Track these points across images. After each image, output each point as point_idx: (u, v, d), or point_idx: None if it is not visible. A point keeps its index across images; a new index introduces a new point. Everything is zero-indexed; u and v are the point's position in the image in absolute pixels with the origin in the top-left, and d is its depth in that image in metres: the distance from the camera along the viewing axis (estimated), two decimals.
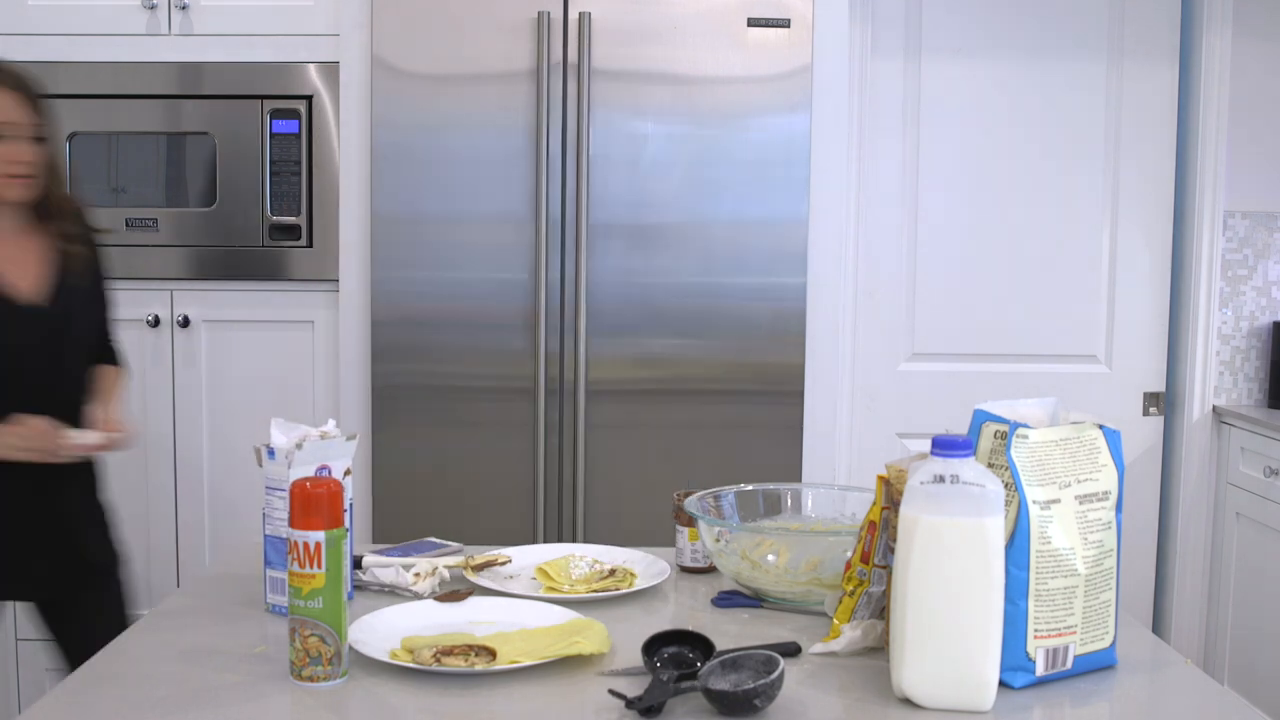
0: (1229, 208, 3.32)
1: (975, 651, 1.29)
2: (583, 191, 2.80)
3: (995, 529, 1.28)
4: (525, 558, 1.80)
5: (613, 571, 1.73)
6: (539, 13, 2.80)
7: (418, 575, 1.67)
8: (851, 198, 3.29)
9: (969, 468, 1.28)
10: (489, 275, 2.86)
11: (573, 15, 2.81)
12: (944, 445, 1.29)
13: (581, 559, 1.75)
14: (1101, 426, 1.42)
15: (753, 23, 2.81)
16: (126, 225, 3.01)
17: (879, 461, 1.66)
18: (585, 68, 2.79)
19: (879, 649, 1.45)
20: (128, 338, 3.02)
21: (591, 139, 2.80)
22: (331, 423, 1.68)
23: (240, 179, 3.00)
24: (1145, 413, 3.40)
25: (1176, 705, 1.42)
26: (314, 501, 1.34)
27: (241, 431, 2.98)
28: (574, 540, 2.82)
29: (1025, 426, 1.37)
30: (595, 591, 1.66)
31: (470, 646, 1.39)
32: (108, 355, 2.27)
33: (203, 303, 3.03)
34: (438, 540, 1.92)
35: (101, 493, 2.23)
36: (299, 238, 3.00)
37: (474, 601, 1.59)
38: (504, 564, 1.74)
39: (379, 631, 1.47)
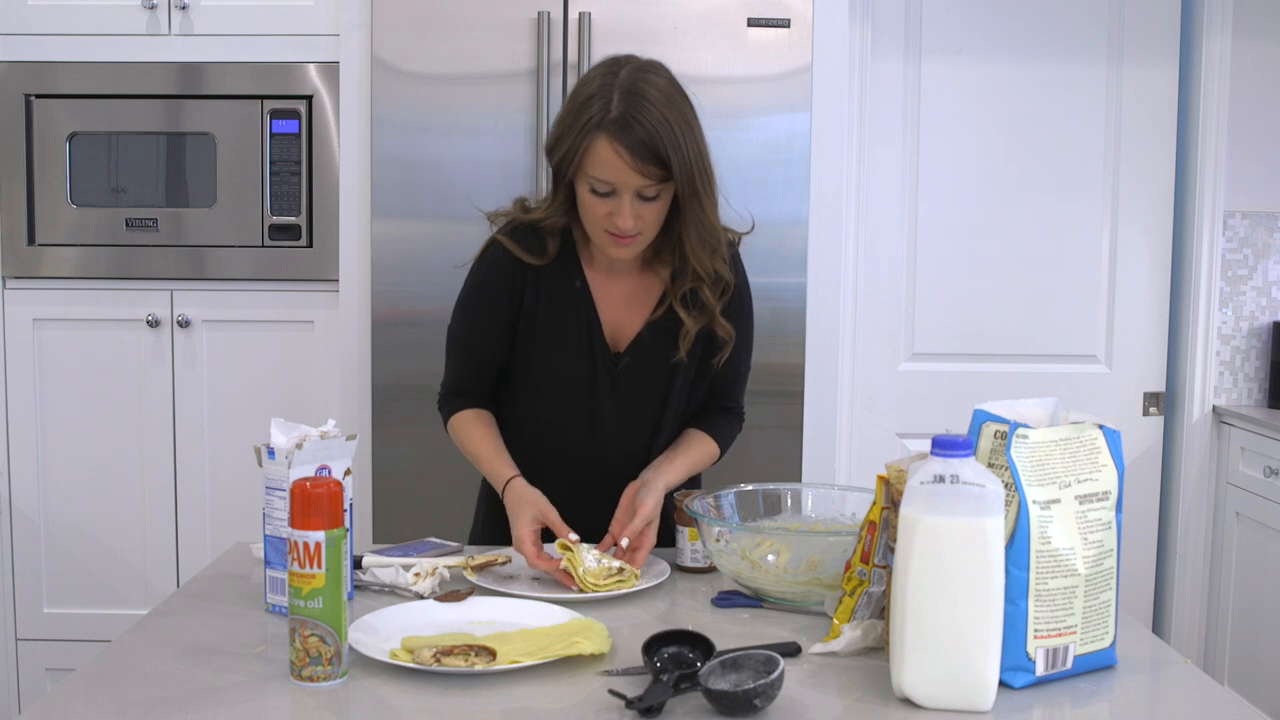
0: (1229, 208, 3.32)
1: (975, 651, 1.29)
2: None
3: (995, 529, 1.28)
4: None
5: (621, 569, 1.72)
6: (539, 13, 2.80)
7: (418, 575, 1.67)
8: (851, 198, 3.29)
9: (969, 468, 1.28)
10: None
11: (573, 15, 2.81)
12: (944, 445, 1.29)
13: (589, 550, 1.73)
14: (1101, 426, 1.42)
15: (753, 23, 2.81)
16: (126, 225, 3.01)
17: (879, 461, 1.66)
18: (585, 68, 2.79)
19: (879, 649, 1.45)
20: (127, 338, 3.05)
21: None
22: (331, 423, 1.68)
23: (240, 179, 3.00)
24: (1145, 413, 3.40)
25: (1176, 705, 1.42)
26: (314, 501, 1.34)
27: (241, 431, 2.98)
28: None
29: (1025, 426, 1.37)
30: (602, 590, 1.66)
31: (470, 646, 1.39)
32: (712, 421, 1.98)
33: (203, 303, 3.03)
34: (438, 540, 1.92)
35: None
36: (299, 238, 3.00)
37: (474, 601, 1.59)
38: (504, 564, 1.74)
39: (379, 631, 1.46)
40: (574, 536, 1.73)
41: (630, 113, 1.70)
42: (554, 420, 1.93)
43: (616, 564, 1.72)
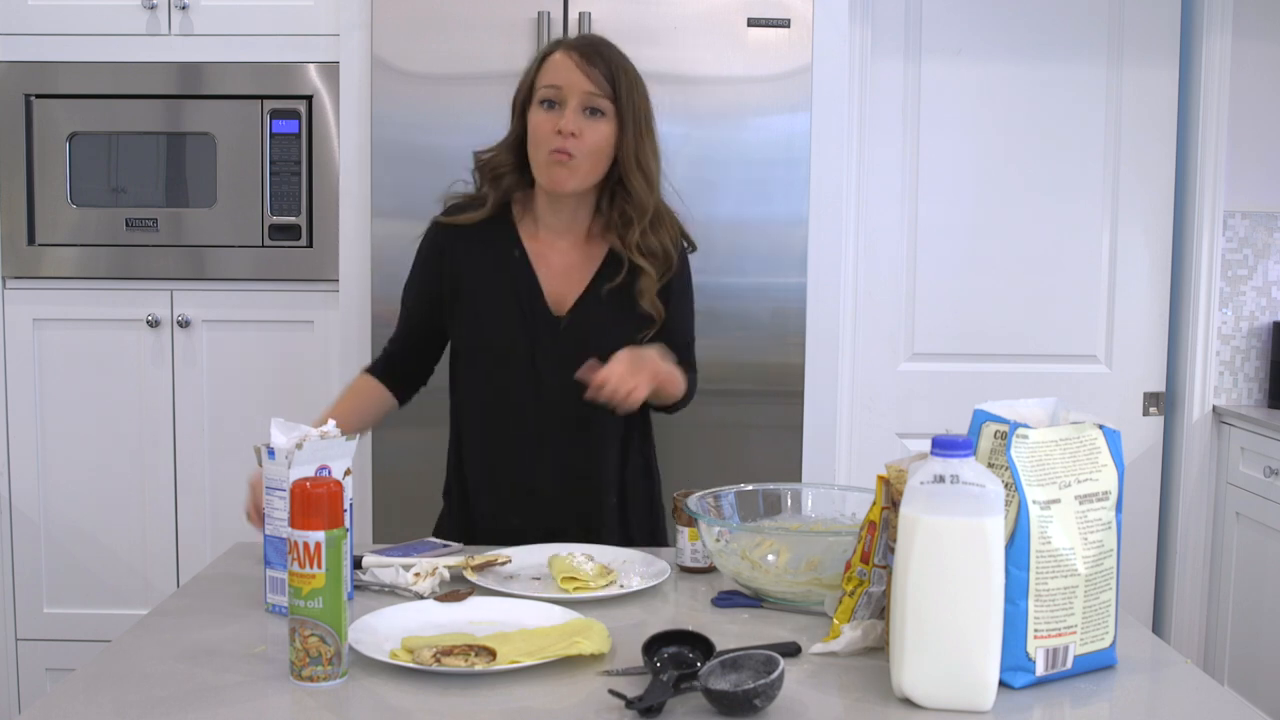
0: (1229, 208, 3.32)
1: (975, 651, 1.29)
2: None
3: (995, 529, 1.28)
4: (525, 558, 1.80)
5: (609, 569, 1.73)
6: (539, 13, 2.80)
7: (418, 575, 1.67)
8: (851, 198, 3.29)
9: (969, 468, 1.28)
10: None
11: (573, 15, 2.81)
12: (944, 445, 1.29)
13: (588, 559, 1.74)
14: (1101, 426, 1.42)
15: (753, 23, 2.81)
16: (126, 225, 3.01)
17: (879, 461, 1.66)
18: None
19: (879, 649, 1.45)
20: (127, 338, 3.05)
21: None
22: (332, 423, 1.68)
23: (240, 179, 3.00)
24: (1145, 413, 3.40)
25: (1176, 705, 1.42)
26: (314, 501, 1.34)
27: (241, 431, 2.98)
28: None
29: (1025, 426, 1.37)
30: (598, 589, 1.66)
31: (470, 646, 1.39)
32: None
33: (203, 303, 3.03)
34: (438, 540, 1.92)
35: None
36: (299, 238, 3.00)
37: (474, 601, 1.59)
38: (504, 564, 1.74)
39: (379, 631, 1.46)
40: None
41: (587, 37, 1.92)
42: (502, 385, 1.96)
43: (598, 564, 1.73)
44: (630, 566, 1.78)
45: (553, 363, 1.93)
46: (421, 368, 2.10)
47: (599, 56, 1.84)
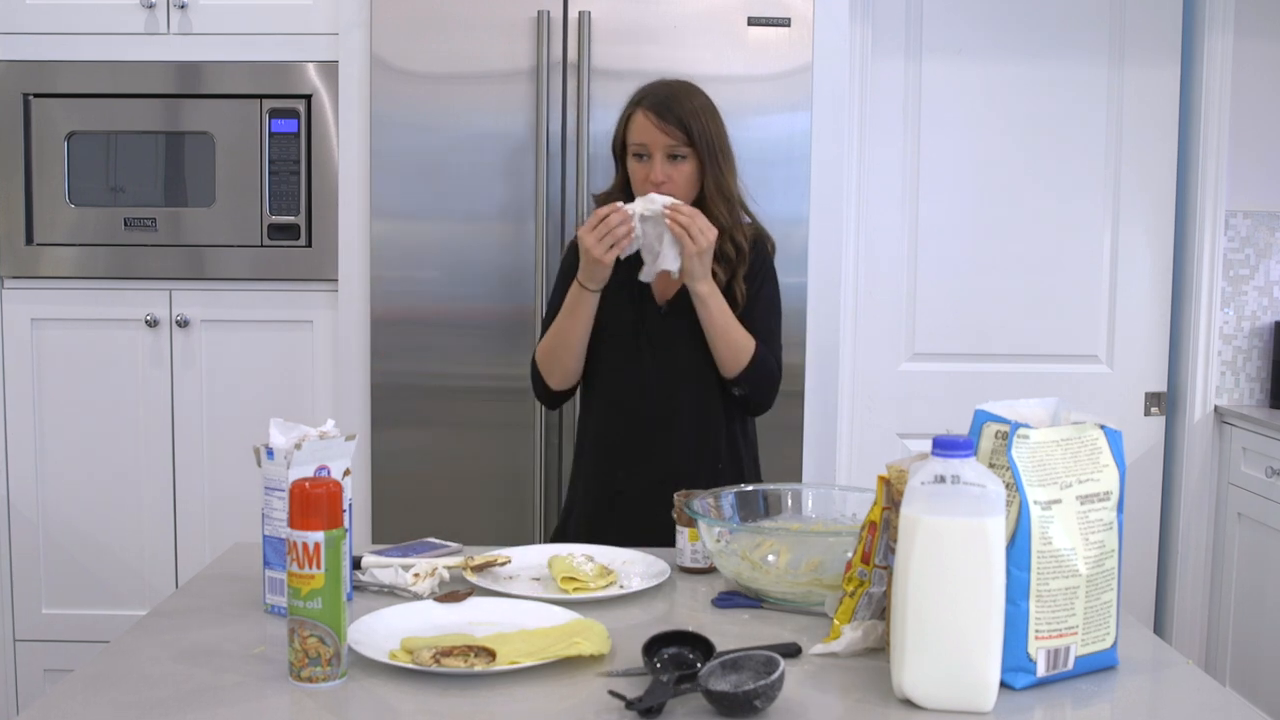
0: (1230, 207, 3.32)
1: (976, 652, 1.29)
2: (582, 191, 2.80)
3: (996, 529, 1.28)
4: (525, 558, 1.79)
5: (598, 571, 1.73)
6: (539, 12, 2.79)
7: (417, 575, 1.67)
8: (851, 198, 3.28)
9: (970, 468, 1.28)
10: (489, 275, 2.86)
11: (573, 15, 2.80)
12: (945, 445, 1.28)
13: (588, 559, 1.75)
14: (1103, 426, 1.42)
15: (753, 22, 2.81)
16: (126, 225, 3.01)
17: (879, 461, 1.65)
18: (585, 67, 2.79)
19: (879, 650, 1.45)
20: (126, 338, 3.04)
21: (591, 138, 2.79)
22: (331, 423, 1.67)
23: (239, 179, 2.99)
24: (1147, 413, 3.40)
25: (1178, 706, 1.41)
26: (313, 502, 1.33)
27: (241, 431, 2.97)
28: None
29: (1026, 426, 1.37)
30: (598, 589, 1.66)
31: (470, 647, 1.39)
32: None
33: (202, 303, 3.03)
34: (437, 540, 1.91)
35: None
36: (298, 237, 3.00)
37: (474, 602, 1.59)
38: (504, 564, 1.74)
39: (378, 632, 1.46)
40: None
41: (659, 91, 2.17)
42: (614, 363, 2.22)
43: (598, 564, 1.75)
44: (630, 567, 1.77)
45: (654, 343, 2.20)
46: None
47: (670, 111, 2.12)
